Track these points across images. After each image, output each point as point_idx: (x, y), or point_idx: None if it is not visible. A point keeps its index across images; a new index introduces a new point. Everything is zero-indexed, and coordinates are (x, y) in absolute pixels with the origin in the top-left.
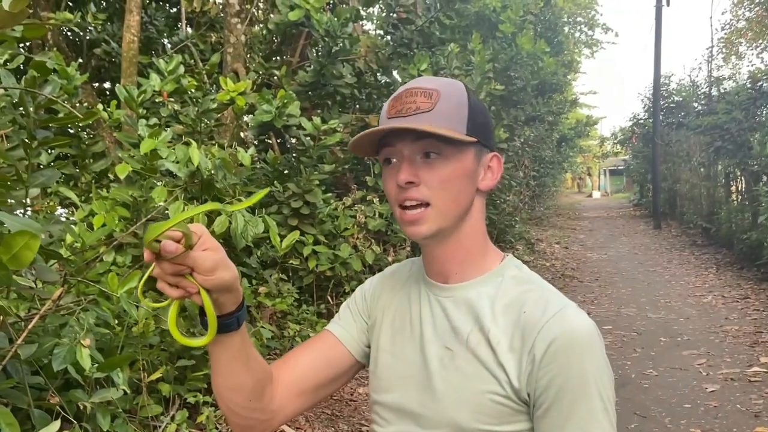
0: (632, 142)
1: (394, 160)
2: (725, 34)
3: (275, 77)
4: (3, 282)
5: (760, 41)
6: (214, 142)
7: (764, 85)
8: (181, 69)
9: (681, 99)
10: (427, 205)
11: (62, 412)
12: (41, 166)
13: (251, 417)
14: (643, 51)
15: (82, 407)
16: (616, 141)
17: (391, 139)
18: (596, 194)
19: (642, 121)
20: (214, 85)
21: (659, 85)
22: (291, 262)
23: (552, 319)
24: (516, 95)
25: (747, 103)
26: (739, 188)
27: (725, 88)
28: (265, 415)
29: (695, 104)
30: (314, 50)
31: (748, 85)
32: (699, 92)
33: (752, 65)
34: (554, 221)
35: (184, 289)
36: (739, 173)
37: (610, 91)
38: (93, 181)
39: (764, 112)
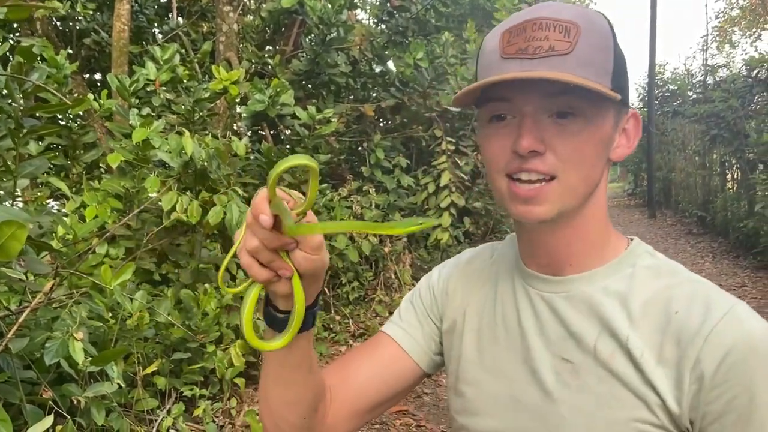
0: None
1: (508, 117)
2: (719, 22)
3: (269, 66)
4: None
5: (754, 29)
6: (207, 132)
7: (760, 72)
8: (177, 58)
9: (676, 88)
10: (551, 179)
11: (55, 407)
12: (30, 156)
13: None
14: (638, 39)
15: (75, 402)
16: None
17: (504, 90)
18: None
19: (637, 109)
20: (207, 75)
21: (654, 73)
22: None
23: (722, 322)
24: None
25: (743, 91)
26: (735, 177)
27: (721, 76)
28: None
29: (690, 93)
30: (308, 38)
31: (744, 73)
32: (694, 81)
33: (746, 53)
34: None
35: (275, 271)
36: (735, 161)
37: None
38: (84, 172)
39: (759, 100)
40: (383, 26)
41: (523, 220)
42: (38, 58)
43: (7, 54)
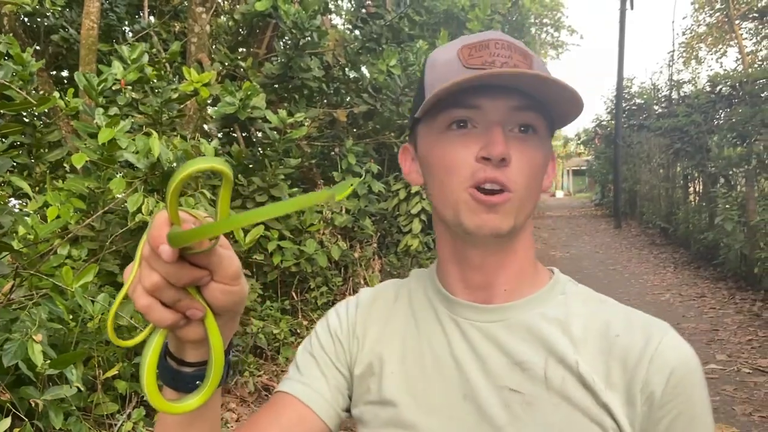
0: (595, 143)
1: (469, 125)
2: (686, 38)
3: (241, 69)
4: None
5: (720, 46)
6: (176, 133)
7: (723, 89)
8: (145, 57)
9: (642, 101)
10: (507, 190)
11: (13, 410)
12: None
13: None
14: (607, 54)
15: (33, 404)
16: (579, 142)
17: (472, 98)
18: (560, 194)
19: (605, 122)
20: (177, 75)
21: (622, 87)
22: (255, 257)
23: (662, 344)
24: None
25: (706, 107)
26: (697, 190)
27: (685, 92)
28: None
29: (656, 107)
30: (281, 42)
31: (707, 89)
32: (660, 95)
33: (711, 70)
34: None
35: (182, 313)
36: (697, 175)
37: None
38: (48, 172)
39: (722, 115)
40: (357, 32)
41: (480, 231)
42: (4, 56)
43: None
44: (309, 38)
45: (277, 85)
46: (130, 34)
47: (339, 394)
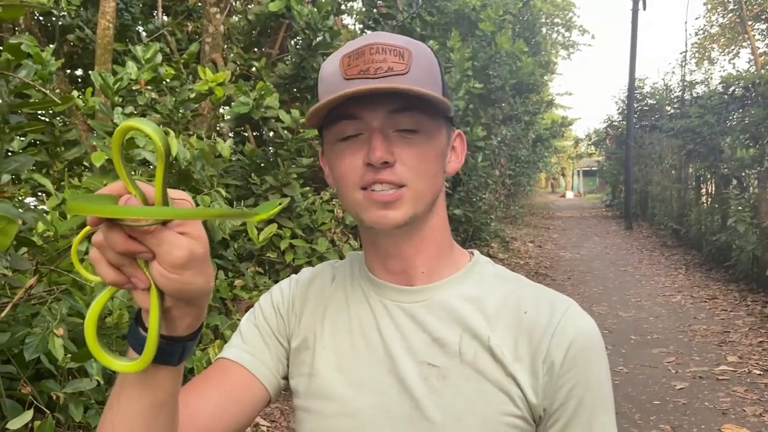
0: (606, 144)
1: (357, 134)
2: (698, 39)
3: (254, 69)
4: None
5: (732, 47)
6: (190, 132)
7: (736, 90)
8: (159, 57)
9: (654, 102)
10: (400, 187)
11: (35, 402)
12: (11, 152)
13: None
14: (619, 54)
15: (54, 397)
16: (590, 142)
17: (353, 108)
18: (569, 194)
19: (616, 123)
20: (191, 75)
21: (634, 87)
22: (268, 255)
23: (564, 317)
24: (494, 94)
25: (719, 108)
26: (709, 191)
27: (698, 93)
28: None
29: (668, 108)
30: (294, 42)
31: (720, 90)
32: (672, 96)
33: (724, 70)
34: (528, 220)
35: (128, 278)
36: (709, 176)
37: (584, 93)
38: (65, 170)
39: (735, 116)
40: (369, 33)
41: (380, 226)
42: (26, 56)
43: None
44: (321, 38)
45: (289, 85)
46: (144, 34)
47: (279, 363)
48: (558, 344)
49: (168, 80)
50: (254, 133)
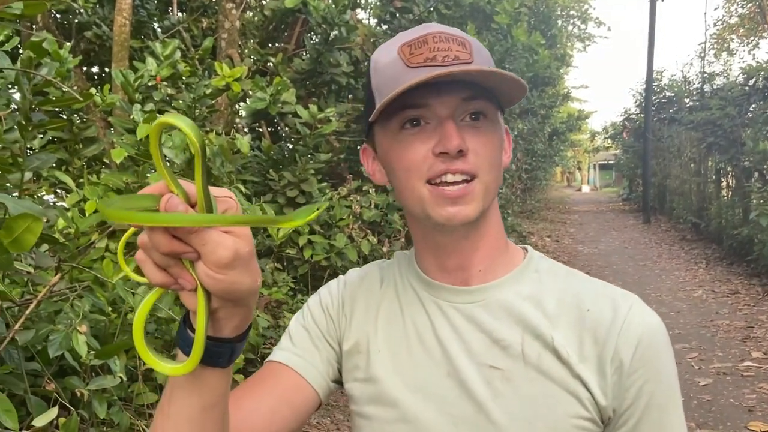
0: (623, 137)
1: (422, 122)
2: (717, 30)
3: (270, 64)
4: (3, 267)
5: (752, 37)
6: (208, 128)
7: (758, 81)
8: (177, 54)
9: (673, 95)
10: (472, 178)
11: (59, 399)
12: (32, 150)
13: None
14: (636, 46)
15: (78, 394)
16: (606, 136)
17: (419, 97)
18: (585, 188)
19: (633, 116)
20: (206, 71)
21: (652, 80)
22: (287, 251)
23: (629, 315)
24: None
25: (740, 99)
26: (730, 184)
27: (718, 84)
28: None
29: (687, 100)
30: (310, 37)
31: (741, 81)
32: (691, 88)
33: (743, 61)
34: (545, 214)
35: (174, 279)
36: (730, 169)
37: (601, 86)
38: (84, 167)
39: (757, 108)
40: (385, 27)
41: (450, 223)
42: (47, 53)
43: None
44: (338, 33)
45: (306, 81)
46: (160, 30)
47: (329, 365)
48: (625, 342)
49: (186, 77)
50: (269, 129)
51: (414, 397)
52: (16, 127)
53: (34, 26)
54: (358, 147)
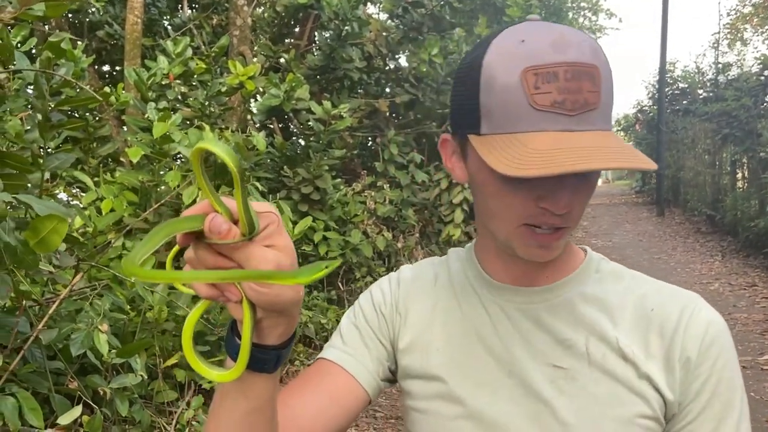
0: (635, 129)
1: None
2: (731, 19)
3: (283, 60)
4: (30, 267)
5: (766, 27)
6: (222, 126)
7: None
8: (189, 51)
9: (686, 86)
10: (564, 227)
11: (82, 397)
12: (50, 150)
13: None
14: (648, 37)
15: (101, 392)
16: (619, 128)
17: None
18: (598, 181)
19: (646, 108)
20: (218, 69)
21: (665, 71)
22: (302, 248)
23: (693, 313)
24: None
25: (756, 90)
26: (745, 175)
27: (732, 75)
28: None
29: (700, 91)
30: (323, 33)
31: (756, 71)
32: (704, 79)
33: (757, 51)
34: None
35: (221, 292)
36: (745, 160)
37: (613, 78)
38: (100, 165)
39: None
40: (397, 22)
41: (532, 260)
42: (64, 53)
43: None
44: (350, 29)
45: (319, 77)
46: (170, 29)
47: (380, 365)
48: (692, 338)
49: (198, 74)
50: (280, 126)
51: (478, 395)
52: (34, 127)
53: (47, 26)
54: (372, 143)
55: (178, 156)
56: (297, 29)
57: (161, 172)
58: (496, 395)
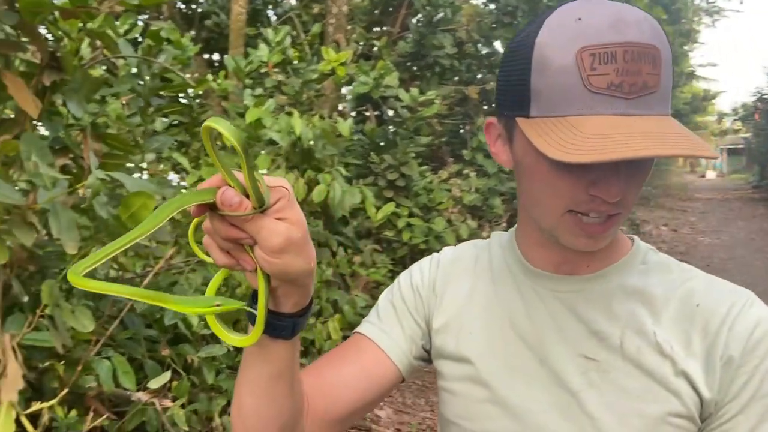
0: (754, 119)
1: None
2: None
3: (375, 48)
4: None
5: None
6: (314, 112)
7: None
8: (288, 40)
9: None
10: (614, 215)
11: (172, 364)
12: (156, 133)
13: None
14: None
15: (189, 361)
16: (736, 117)
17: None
18: (710, 174)
19: (767, 96)
20: (315, 56)
21: None
22: (386, 233)
23: (742, 310)
24: None
25: None
26: None
27: None
28: None
29: None
30: (415, 20)
31: None
32: None
33: None
34: (662, 202)
35: (236, 261)
36: None
37: (731, 64)
38: (202, 149)
39: None
40: (492, 6)
41: (577, 249)
42: (165, 41)
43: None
44: (443, 14)
45: (409, 63)
46: (274, 18)
47: (413, 343)
48: (736, 337)
49: (295, 62)
50: (375, 113)
51: (504, 380)
52: (138, 111)
53: (161, 17)
54: (461, 130)
55: (273, 142)
56: (391, 17)
57: (254, 157)
58: (524, 382)
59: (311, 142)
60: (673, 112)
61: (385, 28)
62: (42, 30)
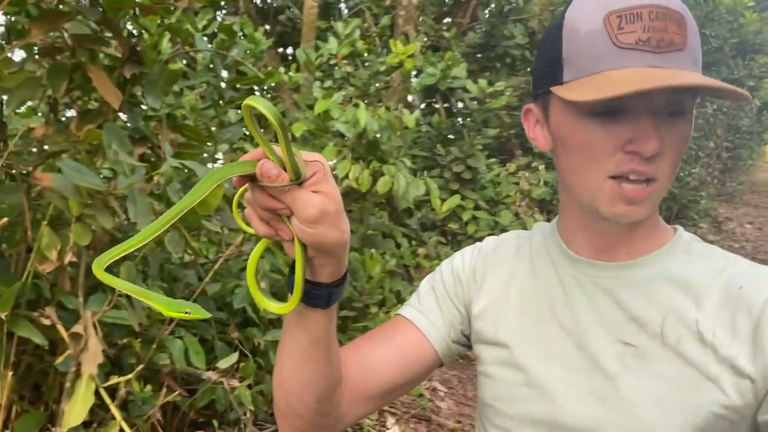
0: None
1: (618, 112)
2: None
3: (444, 39)
4: (193, 225)
5: None
6: (382, 104)
7: None
8: (357, 32)
9: None
10: (652, 180)
11: (240, 346)
12: (230, 124)
13: (314, 422)
14: None
15: (256, 344)
16: None
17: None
18: None
19: None
20: (385, 49)
21: None
22: (450, 225)
23: None
24: (710, 56)
25: None
26: None
27: None
28: (328, 420)
29: None
30: (485, 10)
31: None
32: None
33: None
34: (748, 198)
35: (275, 231)
36: None
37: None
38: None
39: None
40: None
41: (619, 221)
42: (239, 35)
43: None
44: (514, 4)
45: (479, 55)
46: (346, 11)
47: (451, 327)
48: None
49: (365, 54)
50: (444, 105)
51: (541, 365)
52: (212, 103)
53: (237, 13)
54: None
55: (341, 133)
56: (461, 7)
57: (322, 147)
58: (560, 366)
59: (377, 134)
60: (761, 104)
61: (455, 19)
62: (123, 25)
